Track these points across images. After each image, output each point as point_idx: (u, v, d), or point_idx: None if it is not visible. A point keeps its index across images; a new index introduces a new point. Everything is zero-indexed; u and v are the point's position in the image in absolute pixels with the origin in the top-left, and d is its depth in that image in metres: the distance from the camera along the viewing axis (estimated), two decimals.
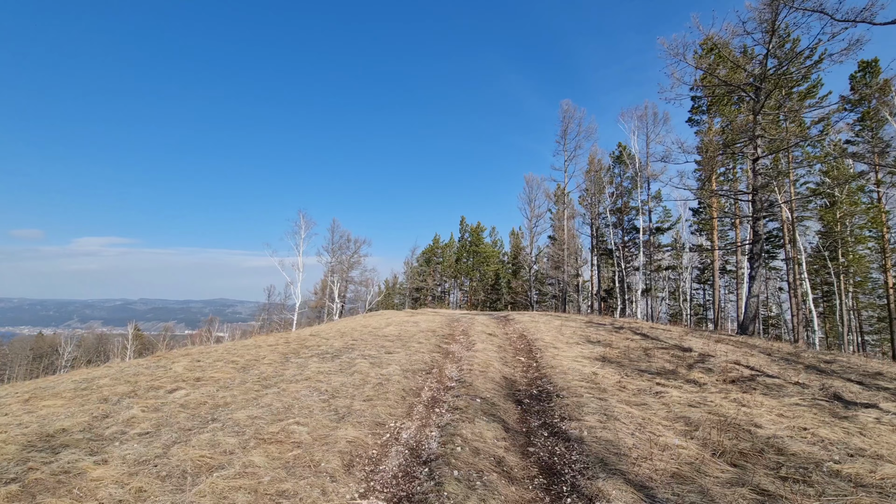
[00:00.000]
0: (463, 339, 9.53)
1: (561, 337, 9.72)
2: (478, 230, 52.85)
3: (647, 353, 8.74)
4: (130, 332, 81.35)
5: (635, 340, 9.94)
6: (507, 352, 8.53)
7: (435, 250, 56.45)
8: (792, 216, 24.70)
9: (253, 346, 9.12)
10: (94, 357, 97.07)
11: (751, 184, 17.98)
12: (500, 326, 11.69)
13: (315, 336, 10.05)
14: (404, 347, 8.29)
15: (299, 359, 7.71)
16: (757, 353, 10.21)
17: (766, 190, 18.71)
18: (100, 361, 65.03)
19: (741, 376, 7.53)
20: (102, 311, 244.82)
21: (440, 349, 8.48)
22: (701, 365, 8.08)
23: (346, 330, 10.90)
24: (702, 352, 9.37)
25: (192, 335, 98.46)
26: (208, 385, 6.43)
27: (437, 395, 6.10)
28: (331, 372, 6.77)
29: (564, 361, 7.64)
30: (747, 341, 12.62)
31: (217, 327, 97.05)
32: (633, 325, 13.03)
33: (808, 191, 27.40)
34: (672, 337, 11.44)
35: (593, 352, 8.56)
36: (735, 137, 18.80)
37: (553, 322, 12.07)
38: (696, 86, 20.60)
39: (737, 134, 18.59)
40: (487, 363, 7.32)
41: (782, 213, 27.84)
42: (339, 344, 8.79)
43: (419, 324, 11.63)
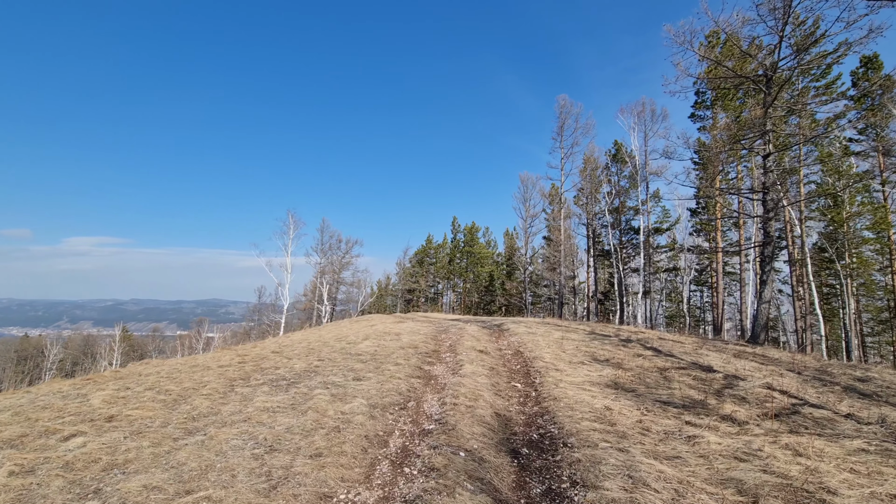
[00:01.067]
0: (449, 357, 8.13)
1: (563, 354, 8.35)
2: (472, 230, 51.51)
3: (664, 376, 7.41)
4: (118, 334, 79.42)
5: (647, 358, 8.60)
6: (501, 375, 7.15)
7: (428, 251, 55.04)
8: (801, 216, 23.55)
9: (201, 368, 7.68)
10: (81, 359, 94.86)
11: (760, 181, 16.75)
12: (492, 339, 10.30)
13: (278, 353, 8.61)
14: (377, 371, 6.88)
15: (247, 387, 6.28)
16: (783, 370, 8.91)
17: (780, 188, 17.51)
18: (87, 363, 63.01)
19: (782, 407, 6.22)
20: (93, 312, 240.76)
21: (421, 372, 7.08)
22: (730, 391, 6.77)
23: (315, 345, 9.46)
24: (725, 372, 8.05)
25: (182, 336, 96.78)
26: (119, 428, 5.00)
27: (410, 443, 4.70)
28: (279, 409, 5.36)
29: (570, 390, 6.26)
30: (766, 354, 11.33)
31: (207, 328, 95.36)
32: (641, 335, 11.70)
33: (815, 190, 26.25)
34: (686, 351, 10.12)
35: (602, 374, 7.20)
36: (739, 134, 17.52)
37: (552, 334, 10.70)
38: (702, 78, 19.36)
39: (744, 129, 17.32)
40: (476, 393, 5.94)
41: (785, 214, 26.73)
42: (300, 366, 7.35)
43: (401, 336, 10.21)
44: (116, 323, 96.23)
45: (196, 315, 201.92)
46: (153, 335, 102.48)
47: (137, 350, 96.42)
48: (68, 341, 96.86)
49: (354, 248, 50.22)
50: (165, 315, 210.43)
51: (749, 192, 16.86)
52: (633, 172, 35.54)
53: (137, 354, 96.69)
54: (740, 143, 16.31)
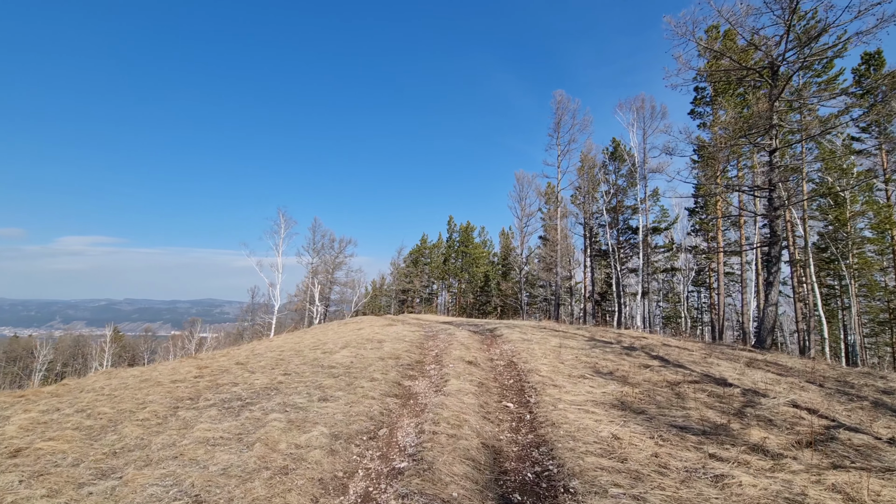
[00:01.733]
0: (434, 369, 7.20)
1: (561, 366, 7.43)
2: (467, 230, 50.61)
3: (676, 392, 6.53)
4: (109, 335, 78.08)
5: (655, 370, 7.71)
6: (491, 392, 6.22)
7: (422, 250, 54.10)
8: (804, 215, 22.78)
9: (151, 383, 6.72)
10: (72, 360, 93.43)
11: (766, 178, 15.92)
12: (483, 347, 9.38)
13: (242, 365, 7.64)
14: (349, 388, 5.94)
15: (193, 410, 5.34)
16: (802, 381, 8.04)
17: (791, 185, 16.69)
18: (77, 364, 61.75)
19: (815, 432, 5.35)
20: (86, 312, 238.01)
21: (399, 390, 6.15)
22: (752, 411, 5.90)
23: (287, 354, 8.50)
24: (742, 385, 7.18)
25: (175, 337, 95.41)
26: (19, 468, 4.04)
27: (375, 489, 3.77)
28: (221, 441, 4.43)
29: (570, 412, 5.35)
30: (777, 361, 10.48)
31: (200, 328, 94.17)
32: (644, 342, 10.81)
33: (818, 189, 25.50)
34: (694, 360, 9.24)
35: (606, 391, 6.29)
36: (745, 128, 16.65)
37: (549, 341, 9.79)
38: (704, 71, 18.54)
39: (750, 123, 16.46)
40: (461, 417, 5.02)
41: (786, 213, 25.98)
42: (262, 381, 6.40)
43: (383, 344, 9.26)
44: (108, 323, 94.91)
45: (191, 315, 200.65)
46: (145, 335, 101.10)
47: (129, 351, 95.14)
48: (59, 342, 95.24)
49: (348, 247, 49.21)
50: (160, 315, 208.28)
51: (755, 189, 16.02)
52: (631, 170, 34.74)
53: (129, 355, 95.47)
54: (746, 138, 15.47)
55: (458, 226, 51.69)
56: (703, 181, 16.59)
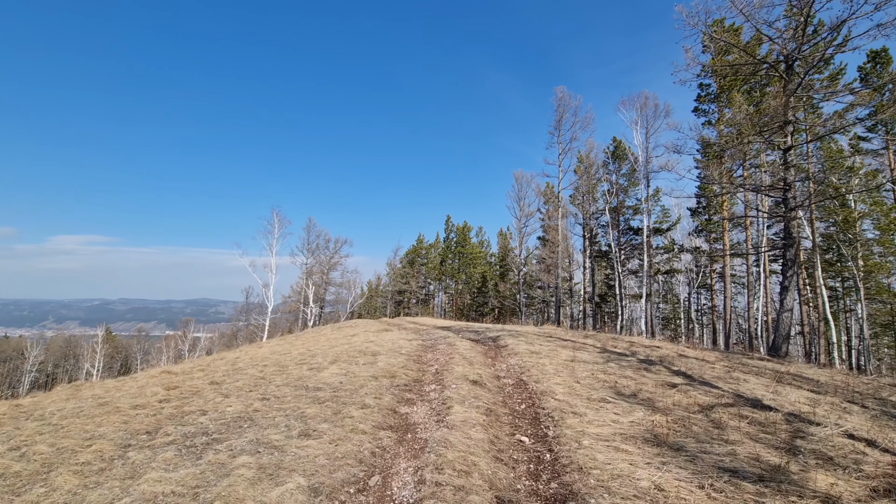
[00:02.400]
0: (435, 391, 6.32)
1: (577, 386, 6.56)
2: (464, 230, 49.75)
3: (711, 419, 5.69)
4: (100, 335, 76.67)
5: (681, 389, 6.86)
6: (502, 422, 5.35)
7: (419, 251, 53.20)
8: (811, 216, 22.08)
9: (109, 409, 5.80)
10: (63, 361, 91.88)
11: (782, 177, 15.13)
12: (487, 361, 8.50)
13: (216, 386, 6.72)
14: (336, 419, 5.05)
15: (147, 448, 4.44)
16: (841, 400, 7.23)
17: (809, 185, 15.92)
18: (69, 366, 60.41)
19: (886, 473, 4.54)
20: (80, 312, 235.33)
21: (395, 420, 5.27)
22: (806, 445, 5.07)
23: (268, 371, 7.57)
24: (780, 408, 6.36)
25: (168, 337, 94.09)
26: None
27: None
28: (171, 497, 3.54)
29: (598, 450, 4.49)
30: (802, 373, 9.67)
31: (193, 328, 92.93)
32: (659, 352, 9.98)
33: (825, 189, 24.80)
34: (717, 374, 8.41)
35: (634, 420, 5.43)
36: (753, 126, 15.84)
37: (559, 353, 8.92)
38: (713, 66, 17.76)
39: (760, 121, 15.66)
40: (469, 459, 4.15)
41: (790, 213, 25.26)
42: (236, 408, 5.50)
43: (378, 358, 8.36)
44: (100, 324, 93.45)
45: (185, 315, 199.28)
46: (138, 336, 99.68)
47: (122, 352, 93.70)
48: (50, 343, 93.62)
49: (343, 247, 48.24)
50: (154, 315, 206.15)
51: (770, 188, 15.23)
52: (631, 170, 34.01)
53: (122, 356, 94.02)
54: (760, 136, 14.68)
55: (455, 226, 50.83)
56: (716, 179, 15.74)
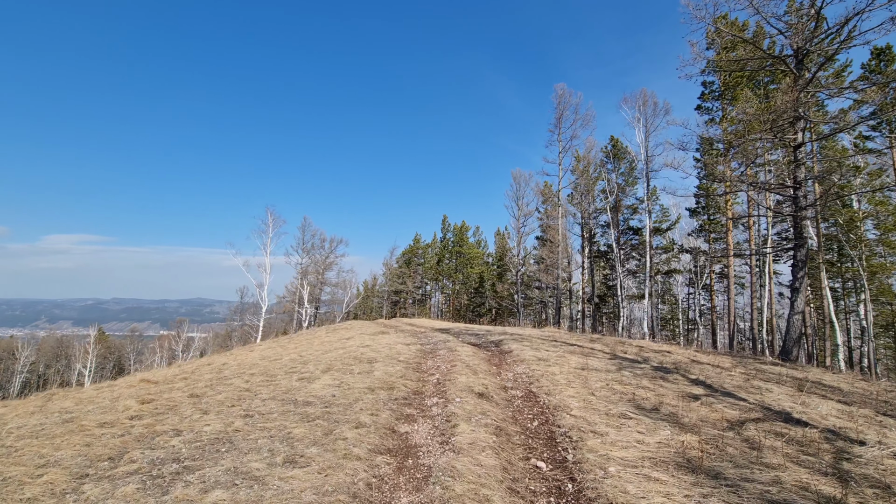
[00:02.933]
0: (437, 404, 5.71)
1: (593, 399, 5.98)
2: (462, 230, 49.15)
3: (744, 438, 5.13)
4: (93, 335, 75.56)
5: (704, 401, 6.29)
6: (513, 442, 4.75)
7: (416, 251, 52.57)
8: (816, 215, 21.61)
9: (73, 427, 5.16)
10: (54, 362, 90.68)
11: (792, 175, 14.62)
12: (492, 370, 7.90)
13: (196, 399, 6.08)
14: (326, 441, 4.44)
15: (107, 480, 3.78)
16: (870, 411, 6.70)
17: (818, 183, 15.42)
18: (61, 366, 59.53)
19: None
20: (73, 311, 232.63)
21: (393, 441, 4.66)
22: (855, 469, 4.50)
23: (255, 382, 6.93)
24: (816, 424, 5.81)
25: (162, 337, 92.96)
26: None
27: None
28: None
29: (627, 479, 3.90)
30: (822, 379, 9.15)
31: (187, 329, 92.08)
32: (671, 357, 9.43)
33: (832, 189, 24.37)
34: (737, 383, 7.85)
35: (661, 440, 4.85)
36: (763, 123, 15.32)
37: (568, 360, 8.33)
38: (719, 61, 17.27)
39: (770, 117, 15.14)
40: (480, 493, 3.55)
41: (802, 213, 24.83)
42: (215, 427, 4.87)
43: (374, 366, 7.74)
44: (92, 324, 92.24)
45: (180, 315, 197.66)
46: (131, 336, 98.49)
47: (115, 352, 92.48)
48: (42, 343, 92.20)
49: (339, 247, 47.55)
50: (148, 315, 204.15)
51: (781, 187, 14.70)
52: (629, 169, 33.55)
53: (115, 356, 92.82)
54: (771, 132, 14.14)
55: (452, 225, 50.24)
56: (727, 177, 15.21)
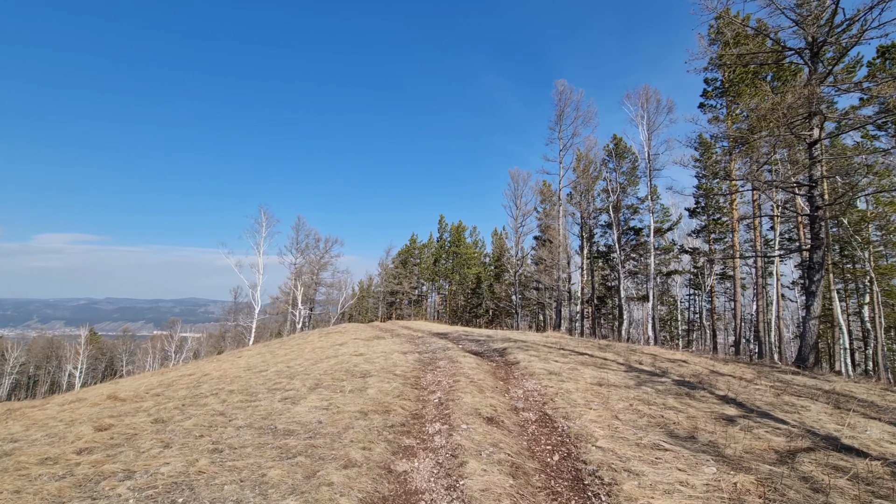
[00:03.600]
0: (440, 433, 4.91)
1: (619, 424, 5.19)
2: (458, 230, 48.35)
3: (800, 474, 4.38)
4: (84, 336, 74.02)
5: (741, 425, 5.52)
6: (534, 486, 3.96)
7: (412, 251, 51.74)
8: (825, 216, 20.96)
9: (8, 465, 4.34)
10: (45, 363, 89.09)
11: (807, 173, 13.93)
12: (499, 386, 7.10)
13: (162, 425, 5.24)
14: (308, 485, 3.63)
15: None
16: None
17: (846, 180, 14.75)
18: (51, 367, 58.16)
19: None
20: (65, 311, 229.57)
21: (390, 482, 3.86)
22: None
23: (230, 403, 6.08)
24: (872, 452, 5.08)
25: (154, 338, 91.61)
26: None
27: None
28: None
29: None
30: (852, 392, 8.46)
31: (180, 329, 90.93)
32: (688, 368, 8.69)
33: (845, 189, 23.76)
34: (769, 400, 7.10)
35: (707, 480, 4.08)
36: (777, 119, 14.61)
37: (581, 373, 7.56)
38: (725, 53, 16.58)
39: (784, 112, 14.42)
40: None
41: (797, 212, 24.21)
42: (175, 466, 4.05)
43: (368, 382, 6.91)
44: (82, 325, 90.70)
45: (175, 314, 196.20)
46: (123, 336, 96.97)
47: (107, 353, 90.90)
48: (32, 344, 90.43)
49: (334, 247, 46.63)
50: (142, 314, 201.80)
51: (796, 185, 14.01)
52: (631, 168, 32.91)
53: (107, 357, 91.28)
54: (787, 127, 13.43)
55: (449, 225, 49.44)
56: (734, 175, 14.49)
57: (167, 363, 77.60)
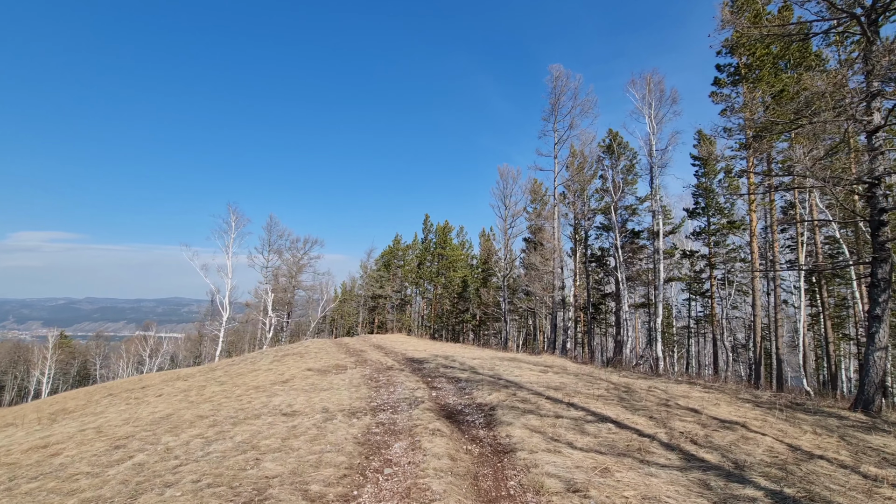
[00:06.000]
0: None
1: None
2: (444, 230, 45.26)
3: None
4: (52, 340, 69.22)
5: None
6: None
7: (395, 252, 48.52)
8: None
9: None
10: (11, 368, 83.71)
11: (868, 167, 11.21)
12: (482, 472, 4.11)
13: None
14: None
15: None
16: None
17: None
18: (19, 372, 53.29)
19: None
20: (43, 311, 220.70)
21: None
22: None
23: None
24: None
25: (129, 341, 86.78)
26: None
27: None
28: None
29: None
30: None
31: (155, 331, 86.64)
32: (764, 447, 5.82)
33: None
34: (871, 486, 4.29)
35: None
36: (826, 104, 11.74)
37: (618, 481, 4.59)
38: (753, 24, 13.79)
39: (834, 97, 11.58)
40: None
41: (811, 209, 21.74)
42: None
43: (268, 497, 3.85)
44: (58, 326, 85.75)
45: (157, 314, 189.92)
46: (97, 339, 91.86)
47: (78, 357, 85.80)
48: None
49: (314, 247, 43.24)
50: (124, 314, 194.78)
51: (855, 181, 11.20)
52: (628, 167, 30.21)
53: (79, 362, 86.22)
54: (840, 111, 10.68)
55: (434, 225, 46.33)
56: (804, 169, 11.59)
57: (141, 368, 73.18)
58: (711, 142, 32.62)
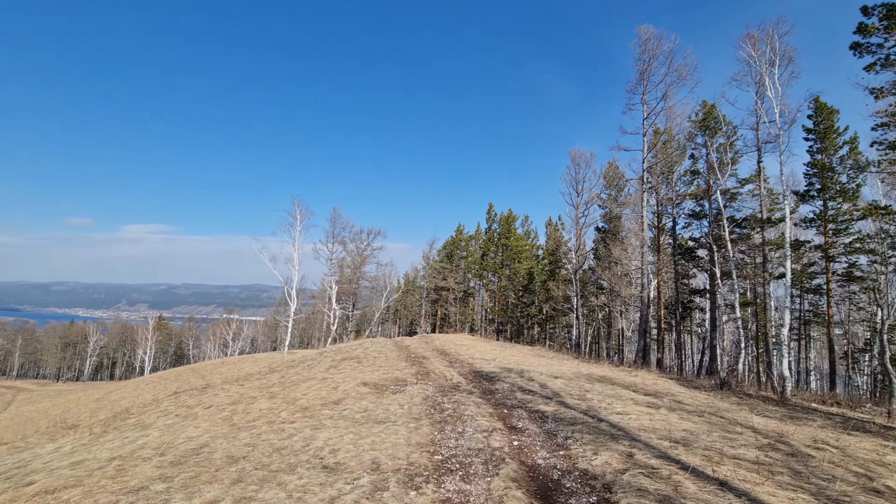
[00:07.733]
0: None
1: None
2: (509, 219, 42.52)
3: None
4: (151, 324, 75.72)
5: None
6: None
7: (458, 243, 46.60)
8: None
9: None
10: (121, 346, 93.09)
11: None
12: None
13: None
14: None
15: None
16: None
17: None
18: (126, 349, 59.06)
19: None
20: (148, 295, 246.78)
21: None
22: None
23: None
24: None
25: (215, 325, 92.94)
26: None
27: None
28: None
29: None
30: None
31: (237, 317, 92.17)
32: None
33: None
34: None
35: None
36: None
37: None
38: None
39: None
40: None
41: None
42: None
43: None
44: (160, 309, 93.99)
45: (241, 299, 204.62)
46: (189, 323, 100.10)
47: (174, 338, 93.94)
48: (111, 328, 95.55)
49: (377, 238, 42.57)
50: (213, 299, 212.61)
51: None
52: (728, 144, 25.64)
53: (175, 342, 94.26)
54: None
55: (498, 215, 43.73)
56: None
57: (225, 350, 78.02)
58: (831, 111, 27.01)
